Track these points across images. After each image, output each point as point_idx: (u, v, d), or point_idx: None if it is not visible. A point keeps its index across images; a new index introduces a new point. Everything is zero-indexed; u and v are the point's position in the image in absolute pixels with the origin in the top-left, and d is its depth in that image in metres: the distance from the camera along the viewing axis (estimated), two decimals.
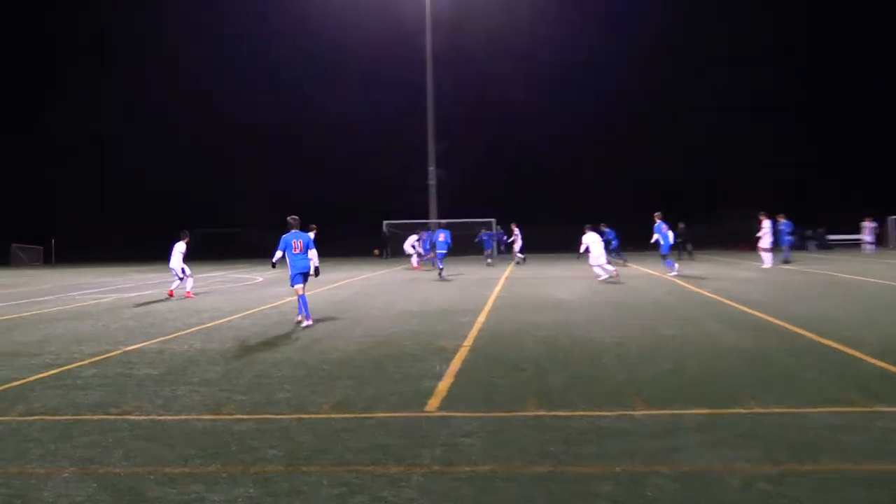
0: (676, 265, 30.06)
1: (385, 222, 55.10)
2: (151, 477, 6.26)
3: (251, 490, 5.90)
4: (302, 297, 15.94)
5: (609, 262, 27.48)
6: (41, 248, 63.77)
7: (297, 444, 7.07)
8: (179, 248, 23.56)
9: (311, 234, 29.97)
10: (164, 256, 23.69)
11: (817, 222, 52.86)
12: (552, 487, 5.80)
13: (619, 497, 5.57)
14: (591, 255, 26.76)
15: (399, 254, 45.56)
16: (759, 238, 33.73)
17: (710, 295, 20.01)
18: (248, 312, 18.42)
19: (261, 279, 32.22)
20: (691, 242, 42.36)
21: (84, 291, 26.02)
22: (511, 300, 20.19)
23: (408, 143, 64.37)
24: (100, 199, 76.68)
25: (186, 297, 23.03)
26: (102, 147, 77.64)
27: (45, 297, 24.76)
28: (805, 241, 50.03)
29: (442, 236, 32.36)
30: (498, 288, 24.54)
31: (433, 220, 54.73)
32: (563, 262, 41.81)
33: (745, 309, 16.60)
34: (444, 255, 32.01)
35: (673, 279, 26.24)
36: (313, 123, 72.93)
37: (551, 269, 34.99)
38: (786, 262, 34.39)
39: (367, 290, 24.62)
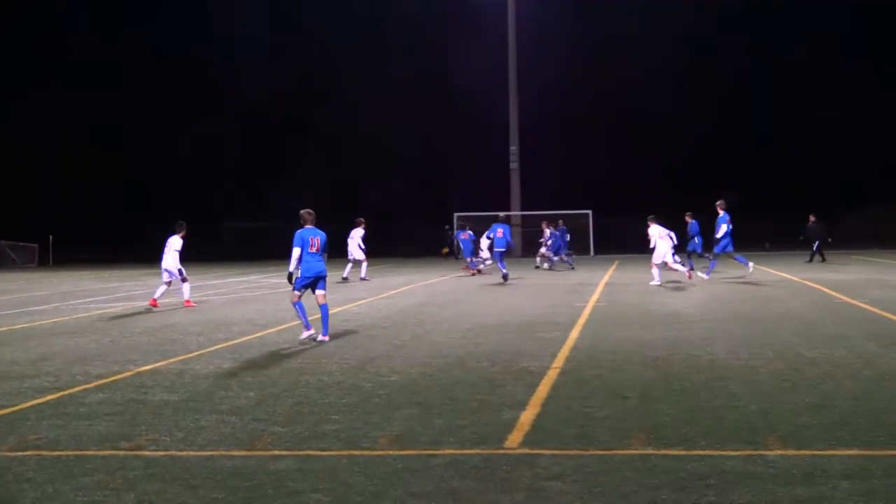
0: (710, 270, 30.33)
1: (456, 215, 55.18)
2: None
3: None
4: (298, 305, 16.27)
5: (681, 262, 27.88)
6: (35, 246, 64.81)
7: (347, 487, 7.14)
8: (175, 243, 23.63)
9: (360, 231, 30.29)
10: (186, 257, 24.00)
11: None
12: None
13: None
14: (654, 252, 27.47)
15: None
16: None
17: (866, 307, 19.69)
18: (286, 326, 18.62)
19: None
20: (821, 239, 41.45)
21: (88, 299, 26.51)
22: (611, 311, 20.14)
23: (481, 121, 65.05)
24: (105, 188, 77.95)
25: (185, 306, 23.42)
26: (110, 127, 79.28)
27: (42, 307, 25.27)
28: None
29: (500, 231, 32.39)
30: (595, 296, 24.46)
31: (515, 213, 54.78)
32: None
33: None
34: (503, 255, 32.20)
35: (816, 286, 25.86)
36: (366, 100, 74.12)
37: (664, 274, 34.66)
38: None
39: (434, 299, 24.74)
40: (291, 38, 79.83)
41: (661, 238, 27.69)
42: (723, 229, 29.13)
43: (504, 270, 31.48)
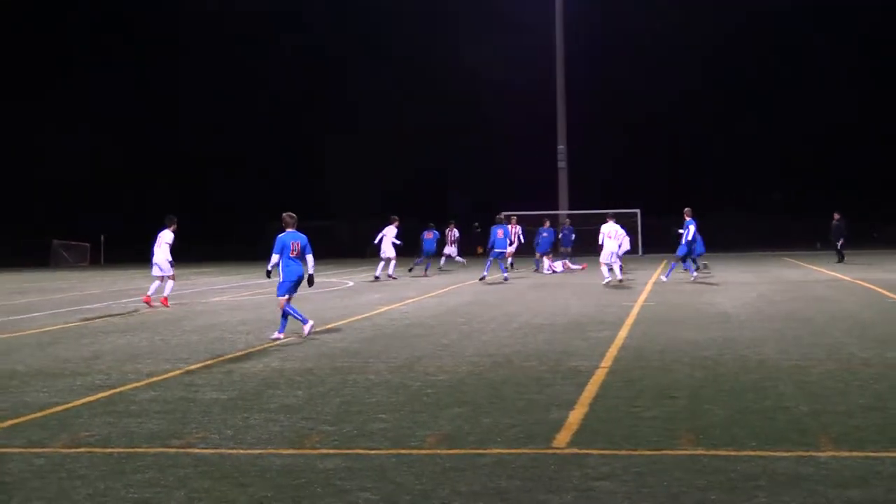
0: (696, 272, 30.40)
1: (504, 214, 55.11)
2: None
3: None
4: (289, 307, 16.56)
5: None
6: (88, 245, 65.36)
7: (395, 486, 7.15)
8: (165, 237, 23.67)
9: (393, 229, 30.41)
10: (240, 255, 24.16)
11: None
12: None
13: None
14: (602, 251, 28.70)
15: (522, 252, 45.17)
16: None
17: None
18: (335, 324, 18.67)
19: (351, 283, 32.67)
20: (844, 238, 40.84)
21: (138, 298, 26.67)
22: (660, 311, 20.06)
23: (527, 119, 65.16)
24: (159, 187, 78.41)
25: (162, 305, 23.54)
26: (162, 126, 79.81)
27: (94, 305, 25.54)
28: None
29: (500, 233, 32.55)
30: (643, 296, 24.36)
31: (563, 212, 54.69)
32: (731, 262, 41.17)
33: None
34: (501, 256, 32.38)
35: (869, 286, 25.60)
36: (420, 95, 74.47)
37: (720, 273, 34.46)
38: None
39: (481, 298, 24.74)
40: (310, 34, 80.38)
41: (609, 237, 28.54)
42: (690, 231, 29.73)
43: (503, 271, 31.94)
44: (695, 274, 30.16)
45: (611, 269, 28.62)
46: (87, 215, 69.75)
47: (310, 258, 16.83)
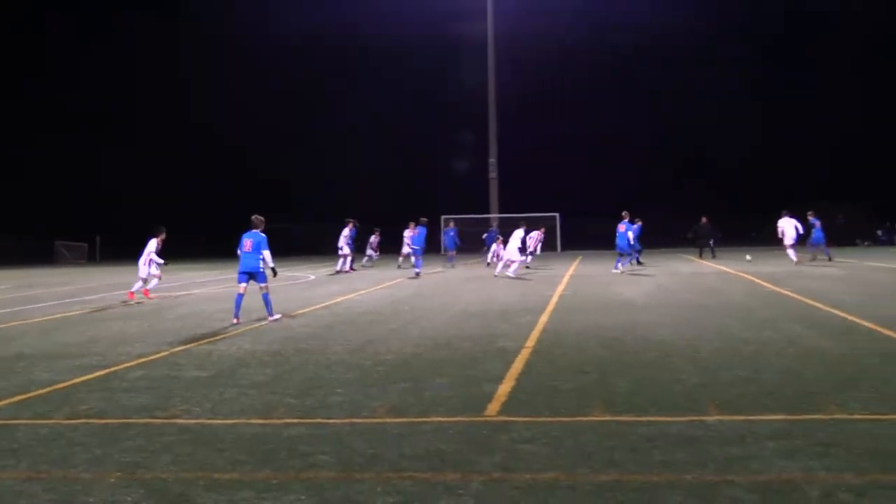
0: (621, 267, 31.14)
1: (443, 217, 55.13)
2: (200, 483, 6.38)
3: (303, 497, 5.99)
4: (240, 296, 17.10)
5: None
6: (85, 245, 64.79)
7: (350, 450, 7.15)
8: (150, 246, 23.26)
9: (348, 229, 30.34)
10: (218, 253, 23.95)
11: None
12: (618, 497, 5.81)
13: None
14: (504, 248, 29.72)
15: (463, 251, 45.35)
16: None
17: (792, 295, 19.77)
18: (298, 312, 18.61)
19: (313, 277, 32.53)
20: (714, 238, 41.70)
21: (123, 292, 26.38)
22: (575, 300, 20.16)
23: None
24: (143, 193, 76.92)
25: (128, 298, 23.29)
26: (147, 136, 78.13)
27: (90, 297, 25.27)
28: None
29: (416, 232, 32.94)
30: (561, 287, 24.49)
31: (494, 215, 54.95)
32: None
33: (830, 309, 16.39)
34: (419, 254, 32.53)
35: (752, 278, 25.95)
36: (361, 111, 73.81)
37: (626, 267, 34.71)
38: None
39: (422, 290, 24.75)
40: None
41: (513, 239, 29.21)
42: (629, 236, 31.09)
43: (417, 269, 32.08)
44: (622, 268, 31.00)
45: (506, 265, 29.27)
46: (83, 218, 68.70)
47: (267, 254, 16.92)
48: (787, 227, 33.55)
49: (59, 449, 7.48)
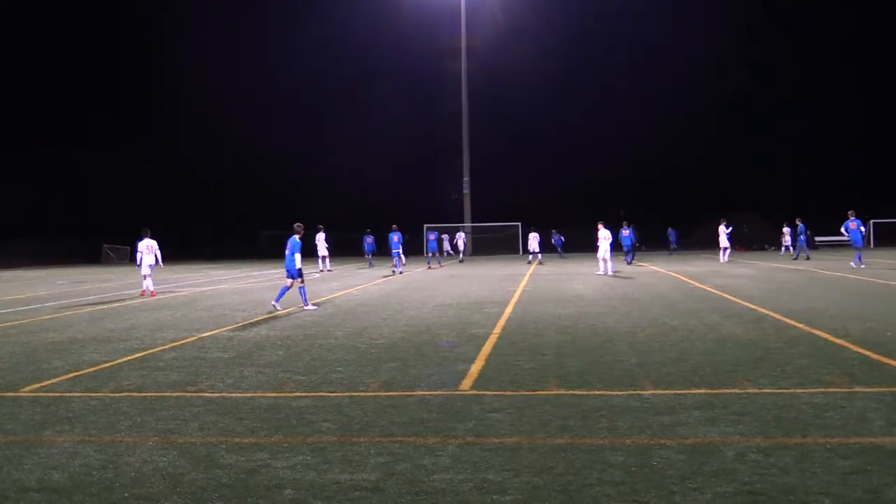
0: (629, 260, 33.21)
1: (426, 226, 55.02)
2: (223, 446, 6.36)
3: (308, 458, 5.98)
4: (284, 288, 17.56)
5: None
6: (128, 247, 64.32)
7: (348, 418, 7.15)
8: (142, 247, 22.50)
9: (322, 234, 30.26)
10: (240, 254, 23.79)
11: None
12: (570, 457, 5.82)
13: (629, 466, 5.59)
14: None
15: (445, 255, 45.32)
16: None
17: (712, 290, 19.86)
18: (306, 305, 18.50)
19: (317, 275, 32.42)
20: (640, 242, 43.10)
21: (164, 286, 26.29)
22: (535, 294, 20.17)
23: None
24: (177, 201, 75.16)
25: (141, 294, 22.75)
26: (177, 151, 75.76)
27: (131, 291, 25.07)
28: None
29: (395, 238, 33.29)
30: (523, 283, 24.52)
31: (467, 224, 55.14)
32: (585, 260, 41.64)
33: (743, 302, 16.48)
34: (399, 255, 33.07)
35: (679, 276, 26.06)
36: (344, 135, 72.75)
37: (574, 267, 34.81)
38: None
39: (408, 286, 24.70)
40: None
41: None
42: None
43: (398, 269, 32.45)
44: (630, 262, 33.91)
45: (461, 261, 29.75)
46: (127, 222, 67.66)
47: (298, 257, 17.36)
48: (722, 235, 35.15)
49: (107, 417, 7.45)
